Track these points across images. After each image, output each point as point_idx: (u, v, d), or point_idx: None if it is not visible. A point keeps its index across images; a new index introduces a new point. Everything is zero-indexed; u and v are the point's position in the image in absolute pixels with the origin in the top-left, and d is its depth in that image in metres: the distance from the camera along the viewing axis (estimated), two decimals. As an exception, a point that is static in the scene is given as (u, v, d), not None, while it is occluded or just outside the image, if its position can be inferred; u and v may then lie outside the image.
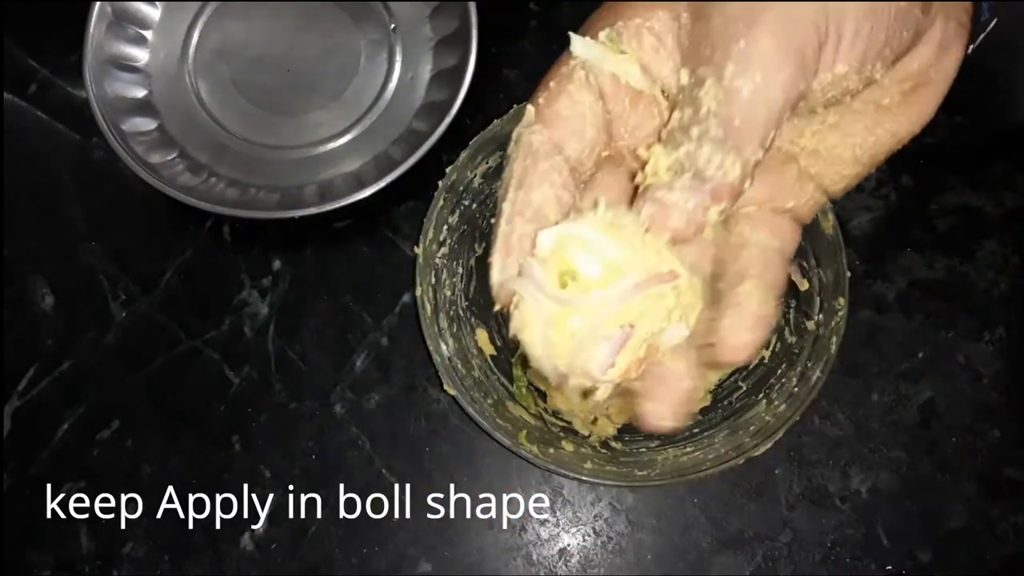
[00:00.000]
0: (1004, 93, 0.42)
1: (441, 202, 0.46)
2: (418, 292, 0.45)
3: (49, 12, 0.62)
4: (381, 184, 0.51)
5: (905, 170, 0.55)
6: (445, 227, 0.46)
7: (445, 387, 0.44)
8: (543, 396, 0.49)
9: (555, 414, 0.48)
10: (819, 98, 0.26)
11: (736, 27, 0.24)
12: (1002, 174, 0.55)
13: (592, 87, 0.28)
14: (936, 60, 0.27)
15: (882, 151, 0.29)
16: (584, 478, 0.43)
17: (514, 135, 0.29)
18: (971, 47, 0.29)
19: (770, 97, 0.24)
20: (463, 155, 0.45)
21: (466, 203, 0.47)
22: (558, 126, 0.28)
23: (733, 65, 0.24)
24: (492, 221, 0.36)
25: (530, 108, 0.29)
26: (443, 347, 0.45)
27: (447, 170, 0.46)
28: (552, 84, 0.28)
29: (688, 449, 0.45)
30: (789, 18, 0.24)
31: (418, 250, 0.45)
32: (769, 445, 0.42)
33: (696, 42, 0.26)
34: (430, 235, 0.45)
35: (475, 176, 0.47)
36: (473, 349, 0.48)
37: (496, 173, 0.47)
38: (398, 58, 0.59)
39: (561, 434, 0.47)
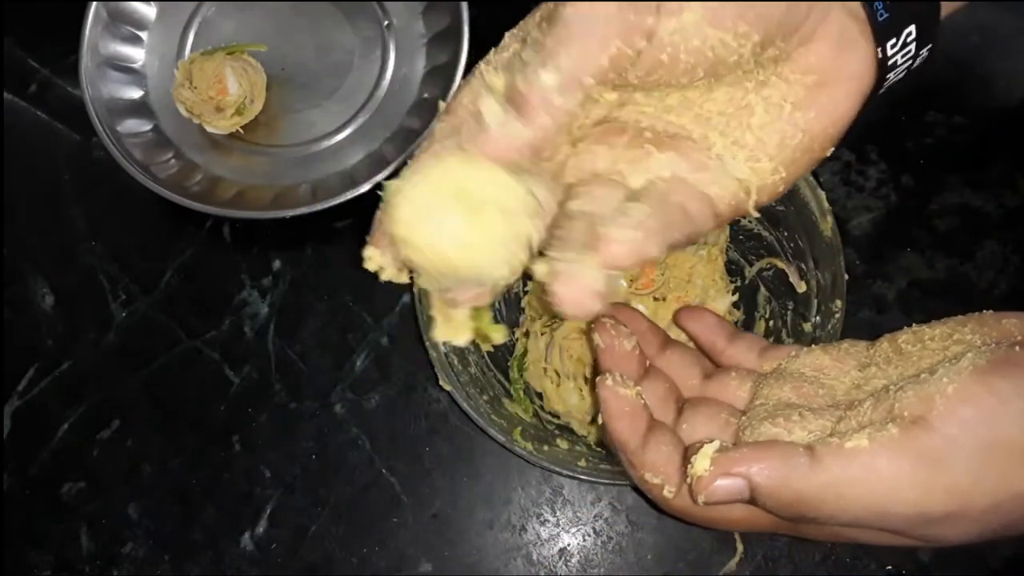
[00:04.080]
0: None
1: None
2: (416, 287, 0.45)
3: (49, 12, 0.62)
4: (373, 182, 0.51)
5: (905, 170, 0.55)
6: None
7: (441, 383, 0.44)
8: (540, 398, 0.49)
9: (552, 414, 0.48)
10: (681, 53, 0.26)
11: None
12: (1002, 174, 0.54)
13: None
14: (836, 56, 0.27)
15: (794, 148, 0.28)
16: (578, 476, 0.42)
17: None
18: (912, 64, 0.28)
19: (592, 16, 0.24)
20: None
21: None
22: (457, 113, 0.29)
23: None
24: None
25: (442, 103, 0.30)
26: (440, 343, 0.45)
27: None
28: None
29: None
30: None
31: None
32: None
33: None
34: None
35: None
36: (470, 345, 0.48)
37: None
38: (391, 55, 0.59)
39: (556, 432, 0.47)
